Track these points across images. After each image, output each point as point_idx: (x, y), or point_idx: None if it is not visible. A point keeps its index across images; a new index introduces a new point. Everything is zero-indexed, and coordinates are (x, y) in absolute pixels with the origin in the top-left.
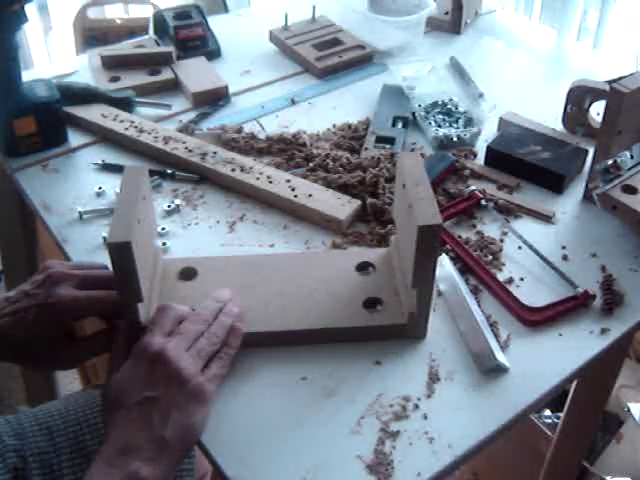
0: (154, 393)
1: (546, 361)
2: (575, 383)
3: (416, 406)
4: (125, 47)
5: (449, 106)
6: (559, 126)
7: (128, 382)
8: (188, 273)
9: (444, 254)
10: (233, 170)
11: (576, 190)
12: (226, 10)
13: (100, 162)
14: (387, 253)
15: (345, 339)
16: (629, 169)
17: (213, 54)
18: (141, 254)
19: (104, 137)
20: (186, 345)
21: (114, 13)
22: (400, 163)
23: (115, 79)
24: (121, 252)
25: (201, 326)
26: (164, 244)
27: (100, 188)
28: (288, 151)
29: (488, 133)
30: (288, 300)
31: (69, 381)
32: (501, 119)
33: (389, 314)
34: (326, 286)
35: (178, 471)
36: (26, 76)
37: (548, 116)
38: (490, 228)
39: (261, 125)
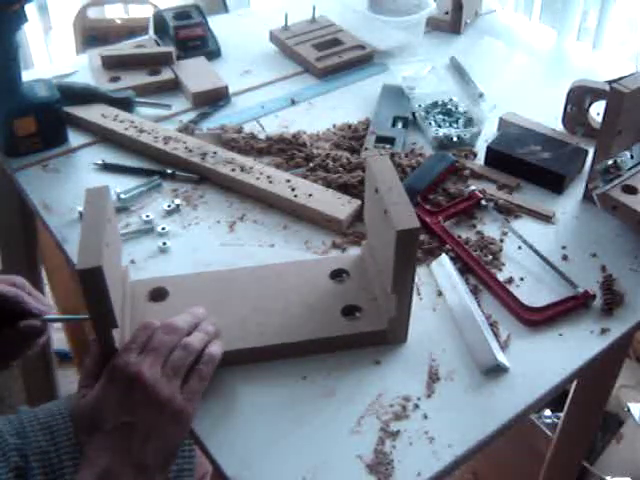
0: (132, 418)
1: (546, 361)
2: (575, 383)
3: (416, 406)
4: (125, 47)
5: (449, 106)
6: (559, 126)
7: (104, 405)
8: (158, 293)
9: (444, 254)
10: (233, 170)
11: (576, 190)
12: (226, 10)
13: (100, 162)
14: (360, 259)
15: (326, 349)
16: (629, 169)
17: (213, 54)
18: (111, 278)
19: (104, 137)
20: (161, 361)
21: (114, 13)
22: (369, 168)
23: (115, 79)
24: (92, 278)
25: (174, 336)
26: (164, 244)
27: None
28: (288, 151)
29: (488, 133)
30: (265, 314)
31: (69, 381)
32: (501, 119)
33: (369, 321)
34: (302, 297)
35: (178, 471)
36: (26, 76)
37: (548, 116)
38: (490, 228)
39: (261, 125)
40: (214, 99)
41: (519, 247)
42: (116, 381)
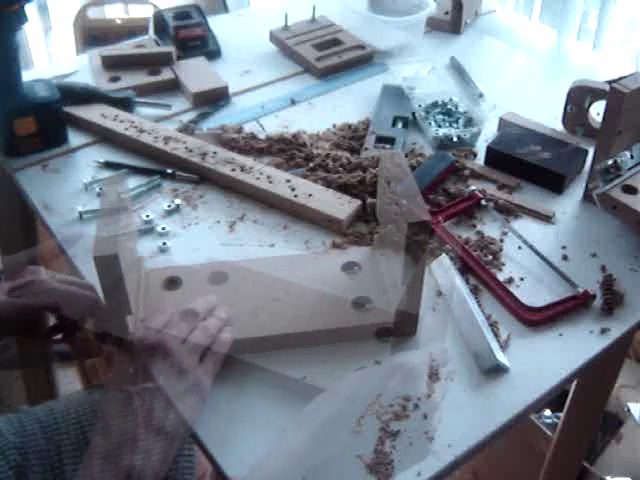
0: (154, 384)
1: (546, 361)
2: (575, 383)
3: (416, 406)
4: (125, 47)
5: (449, 106)
6: (559, 126)
7: (127, 373)
8: (173, 282)
9: (444, 254)
10: (233, 170)
11: (576, 190)
12: (226, 10)
13: (100, 162)
14: (371, 252)
15: (337, 340)
16: (629, 169)
17: (213, 54)
18: (126, 266)
19: (104, 137)
20: (182, 337)
21: (114, 13)
22: (383, 162)
23: (115, 79)
24: (108, 265)
25: (194, 319)
26: (164, 244)
27: (100, 188)
28: (288, 151)
29: (488, 133)
30: (277, 304)
31: (69, 381)
32: (501, 119)
33: (379, 313)
34: (314, 288)
35: (178, 469)
36: (26, 76)
37: (548, 116)
38: (490, 228)
39: (261, 125)
40: (214, 99)
41: (519, 247)
42: (138, 349)
